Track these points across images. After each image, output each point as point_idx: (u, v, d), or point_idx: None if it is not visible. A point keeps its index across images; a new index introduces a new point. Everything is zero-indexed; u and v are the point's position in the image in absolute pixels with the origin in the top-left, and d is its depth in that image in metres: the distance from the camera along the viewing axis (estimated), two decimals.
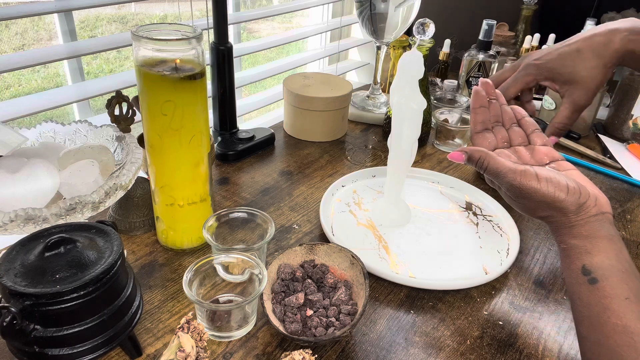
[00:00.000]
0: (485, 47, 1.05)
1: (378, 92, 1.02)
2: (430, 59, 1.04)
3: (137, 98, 0.54)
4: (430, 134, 0.93)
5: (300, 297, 0.51)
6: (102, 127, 0.62)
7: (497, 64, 1.07)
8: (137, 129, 0.61)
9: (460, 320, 0.54)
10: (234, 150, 0.82)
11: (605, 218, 0.45)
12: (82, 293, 0.39)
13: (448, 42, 1.14)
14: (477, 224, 0.69)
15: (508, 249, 0.64)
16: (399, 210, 0.68)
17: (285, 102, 0.91)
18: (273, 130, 0.89)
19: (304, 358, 0.41)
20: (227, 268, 0.54)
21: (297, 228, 0.67)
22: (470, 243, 0.65)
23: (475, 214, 0.71)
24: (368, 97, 1.02)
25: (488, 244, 0.65)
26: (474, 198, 0.75)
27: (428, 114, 0.88)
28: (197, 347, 0.42)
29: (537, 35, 1.18)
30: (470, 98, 0.58)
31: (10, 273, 0.39)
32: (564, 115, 0.65)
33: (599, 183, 0.85)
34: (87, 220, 0.48)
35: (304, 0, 1.10)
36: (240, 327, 0.50)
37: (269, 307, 0.50)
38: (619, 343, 0.39)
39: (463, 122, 0.90)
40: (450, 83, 1.11)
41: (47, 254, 0.40)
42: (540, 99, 1.03)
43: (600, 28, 0.62)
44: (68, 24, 0.76)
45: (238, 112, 0.91)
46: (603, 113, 1.06)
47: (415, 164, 0.83)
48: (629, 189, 0.84)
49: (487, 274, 0.59)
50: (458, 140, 0.90)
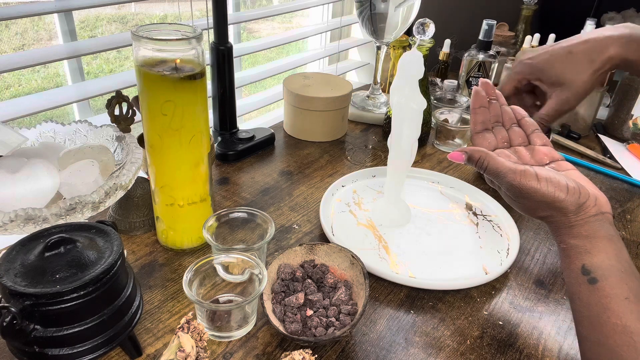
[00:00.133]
0: (485, 47, 1.05)
1: (378, 92, 1.02)
2: (430, 59, 1.04)
3: (137, 98, 0.54)
4: (430, 134, 0.93)
5: (300, 297, 0.51)
6: (102, 127, 0.62)
7: (497, 64, 1.07)
8: (137, 129, 0.61)
9: (460, 320, 0.54)
10: (234, 150, 0.82)
11: (605, 218, 0.45)
12: (82, 293, 0.39)
13: (448, 42, 1.14)
14: (477, 224, 0.69)
15: (508, 249, 0.64)
16: (399, 210, 0.68)
17: (285, 102, 0.91)
18: (273, 130, 0.89)
19: (304, 358, 0.41)
20: (227, 268, 0.54)
21: (297, 228, 0.67)
22: (470, 243, 0.65)
23: (475, 214, 0.71)
24: (368, 97, 1.02)
25: (488, 244, 0.65)
26: (474, 198, 0.75)
27: (428, 114, 0.88)
28: (197, 347, 0.42)
29: (537, 35, 1.18)
30: (470, 98, 0.58)
31: (10, 273, 0.39)
32: (547, 112, 0.63)
33: (599, 183, 0.85)
34: (87, 220, 0.48)
35: (304, 0, 1.10)
36: (240, 327, 0.50)
37: (269, 307, 0.50)
38: (619, 343, 0.39)
39: (463, 122, 0.90)
40: (450, 83, 1.11)
41: (47, 254, 0.41)
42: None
43: (597, 33, 0.61)
44: (68, 24, 0.76)
45: (238, 112, 0.91)
46: (603, 113, 1.06)
47: (415, 164, 0.83)
48: (629, 189, 0.84)
49: (487, 274, 0.59)
50: (458, 140, 0.90)
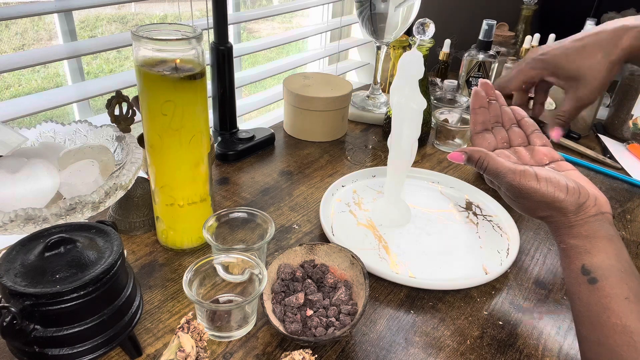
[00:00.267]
0: (485, 47, 1.05)
1: (378, 92, 1.02)
2: (430, 59, 1.04)
3: (137, 98, 0.54)
4: (430, 134, 0.93)
5: (300, 297, 0.51)
6: (102, 127, 0.62)
7: (497, 64, 1.07)
8: (137, 129, 0.61)
9: (460, 320, 0.54)
10: (234, 150, 0.82)
11: (605, 218, 0.45)
12: (82, 293, 0.39)
13: (448, 42, 1.14)
14: (477, 224, 0.69)
15: (508, 249, 0.64)
16: (399, 210, 0.68)
17: (285, 102, 0.91)
18: (273, 130, 0.89)
19: (304, 358, 0.41)
20: (227, 268, 0.54)
21: (297, 228, 0.67)
22: (470, 243, 0.65)
23: (475, 214, 0.71)
24: (368, 97, 1.02)
25: (488, 244, 0.65)
26: (474, 198, 0.75)
27: (428, 114, 0.88)
28: (197, 347, 0.42)
29: (537, 35, 1.18)
30: (470, 99, 0.58)
31: (10, 273, 0.39)
32: (567, 109, 0.63)
33: (599, 183, 0.85)
34: (87, 220, 0.48)
35: (304, 0, 1.10)
36: (240, 327, 0.50)
37: (269, 307, 0.50)
38: (619, 343, 0.39)
39: (463, 122, 0.90)
40: (450, 83, 1.11)
41: (47, 254, 0.41)
42: (530, 97, 1.03)
43: (609, 24, 0.60)
44: (68, 24, 0.76)
45: (238, 112, 0.91)
46: (603, 113, 1.06)
47: (415, 164, 0.83)
48: (629, 189, 0.84)
49: (487, 274, 0.59)
50: (458, 140, 0.90)
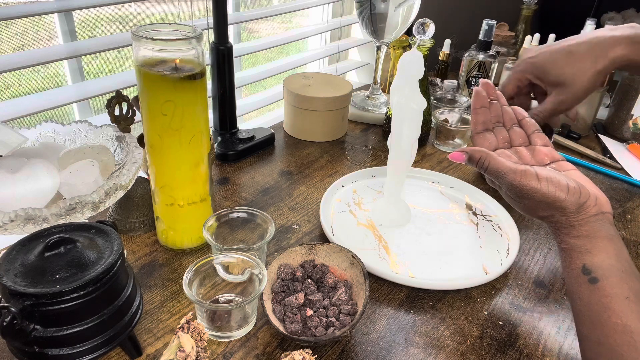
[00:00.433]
0: (485, 47, 1.05)
1: (378, 92, 1.02)
2: (430, 59, 1.04)
3: (137, 98, 0.54)
4: (430, 134, 0.93)
5: (300, 297, 0.51)
6: (102, 127, 0.62)
7: (497, 64, 1.07)
8: (137, 129, 0.61)
9: (460, 320, 0.54)
10: (234, 150, 0.82)
11: (606, 218, 0.45)
12: (82, 293, 0.39)
13: (448, 42, 1.14)
14: (477, 224, 0.69)
15: (508, 249, 0.64)
16: (399, 210, 0.68)
17: (285, 102, 0.91)
18: (273, 130, 0.89)
19: (304, 358, 0.41)
20: (227, 268, 0.54)
21: (297, 228, 0.67)
22: (470, 243, 0.65)
23: (475, 214, 0.71)
24: (368, 97, 1.02)
25: (488, 244, 0.65)
26: (474, 198, 0.75)
27: (428, 114, 0.88)
28: (197, 347, 0.42)
29: (537, 35, 1.18)
30: (471, 98, 0.57)
31: (10, 273, 0.39)
32: (544, 109, 0.62)
33: (599, 183, 0.85)
34: (87, 220, 0.48)
35: (304, 0, 1.10)
36: (240, 327, 0.50)
37: (269, 307, 0.50)
38: (619, 342, 0.39)
39: (463, 122, 0.90)
40: (450, 83, 1.11)
41: (47, 254, 0.40)
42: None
43: (599, 32, 0.59)
44: (68, 24, 0.76)
45: (238, 112, 0.91)
46: (603, 113, 1.06)
47: (415, 164, 0.83)
48: (629, 189, 0.84)
49: (487, 274, 0.59)
50: (458, 140, 0.90)
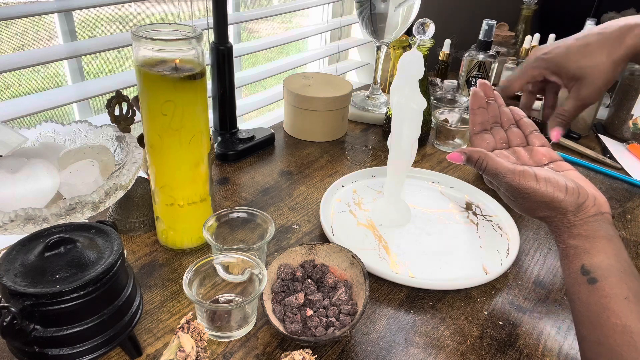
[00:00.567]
0: (485, 47, 1.05)
1: (378, 92, 1.02)
2: (430, 59, 1.04)
3: (137, 98, 0.54)
4: (430, 134, 0.93)
5: (300, 297, 0.51)
6: (102, 127, 0.62)
7: (497, 64, 1.07)
8: (137, 129, 0.61)
9: (460, 320, 0.54)
10: (234, 150, 0.82)
11: (604, 218, 0.45)
12: (82, 293, 0.39)
13: (448, 42, 1.14)
14: (477, 224, 0.69)
15: (508, 249, 0.64)
16: (399, 210, 0.68)
17: (285, 102, 0.91)
18: (273, 130, 0.89)
19: (304, 358, 0.41)
20: (227, 268, 0.54)
21: (297, 228, 0.67)
22: (470, 243, 0.65)
23: (475, 214, 0.71)
24: (368, 97, 1.02)
25: (488, 244, 0.65)
26: (474, 198, 0.75)
27: (428, 114, 0.88)
28: (197, 347, 0.42)
29: (537, 35, 1.18)
30: (469, 99, 0.57)
31: (10, 273, 0.39)
32: (568, 108, 0.61)
33: (599, 183, 0.85)
34: (87, 220, 0.48)
35: (304, 0, 1.10)
36: (240, 327, 0.50)
37: (269, 307, 0.50)
38: (619, 342, 0.39)
39: (463, 122, 0.90)
40: (450, 83, 1.11)
41: (47, 254, 0.41)
42: (541, 99, 1.03)
43: (613, 23, 0.59)
44: (68, 24, 0.76)
45: (238, 112, 0.91)
46: (603, 113, 1.06)
47: (415, 164, 0.83)
48: (629, 189, 0.84)
49: (487, 274, 0.59)
50: (458, 140, 0.90)
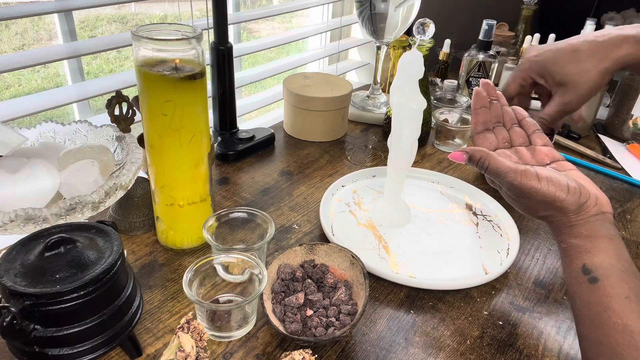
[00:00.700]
0: (485, 47, 1.05)
1: (378, 92, 1.02)
2: (430, 59, 1.04)
3: (137, 98, 0.54)
4: (430, 134, 0.93)
5: (300, 297, 0.51)
6: (102, 127, 0.62)
7: (497, 64, 1.07)
8: (137, 129, 0.61)
9: (460, 320, 0.54)
10: (234, 150, 0.82)
11: (606, 218, 0.45)
12: (82, 293, 0.39)
13: (448, 42, 1.14)
14: (477, 224, 0.69)
15: (508, 249, 0.64)
16: (399, 210, 0.68)
17: (285, 102, 0.91)
18: (273, 130, 0.89)
19: (304, 358, 0.41)
20: (227, 268, 0.54)
21: (297, 228, 0.67)
22: (470, 243, 0.65)
23: (475, 214, 0.71)
24: (368, 97, 1.02)
25: (488, 244, 0.65)
26: (474, 198, 0.75)
27: (428, 114, 0.88)
28: (197, 347, 0.42)
29: (537, 35, 1.18)
30: (472, 98, 0.57)
31: (10, 273, 0.39)
32: (549, 112, 0.61)
33: (599, 183, 0.85)
34: (87, 220, 0.48)
35: (304, 0, 1.10)
36: (240, 327, 0.50)
37: (269, 307, 0.50)
38: (620, 342, 0.39)
39: (463, 122, 0.90)
40: (450, 83, 1.11)
41: (47, 254, 0.40)
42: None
43: (606, 31, 0.58)
44: (68, 24, 0.76)
45: (238, 112, 0.91)
46: (603, 113, 1.06)
47: (415, 164, 0.83)
48: (629, 189, 0.84)
49: (487, 274, 0.59)
50: (458, 140, 0.90)
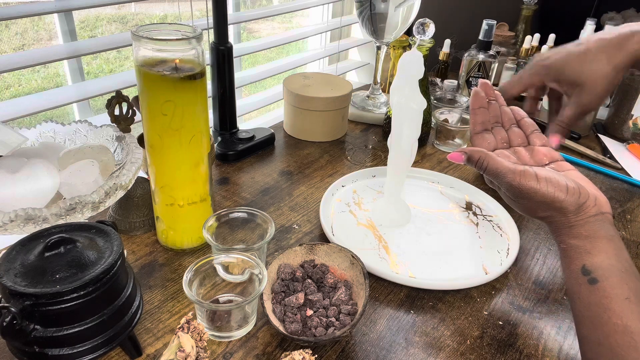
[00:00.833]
0: (485, 47, 1.05)
1: (378, 92, 1.02)
2: (430, 59, 1.04)
3: (137, 98, 0.54)
4: (430, 134, 0.93)
5: (300, 297, 0.51)
6: (102, 127, 0.62)
7: (497, 64, 1.07)
8: (137, 129, 0.61)
9: (460, 320, 0.54)
10: (234, 150, 0.82)
11: (605, 218, 0.45)
12: (82, 293, 0.39)
13: (448, 42, 1.14)
14: (477, 224, 0.69)
15: (508, 249, 0.64)
16: (399, 210, 0.68)
17: (285, 102, 0.91)
18: (273, 130, 0.89)
19: (304, 358, 0.41)
20: (227, 268, 0.54)
21: (297, 228, 0.67)
22: (470, 243, 0.65)
23: (475, 214, 0.71)
24: (368, 97, 1.02)
25: (488, 244, 0.65)
26: (474, 198, 0.75)
27: (428, 114, 0.88)
28: (197, 347, 0.42)
29: (537, 35, 1.18)
30: (470, 99, 0.57)
31: (10, 273, 0.39)
32: (567, 115, 0.61)
33: (599, 183, 0.85)
34: (87, 220, 0.48)
35: (304, 0, 1.10)
36: (240, 327, 0.50)
37: (269, 307, 0.50)
38: (620, 343, 0.39)
39: (463, 122, 0.90)
40: (450, 83, 1.11)
41: (47, 254, 0.41)
42: (541, 99, 1.03)
43: (614, 29, 0.58)
44: (68, 24, 0.76)
45: (238, 112, 0.91)
46: (603, 113, 1.06)
47: (415, 164, 0.83)
48: (629, 189, 0.84)
49: (487, 274, 0.59)
50: (458, 140, 0.90)
